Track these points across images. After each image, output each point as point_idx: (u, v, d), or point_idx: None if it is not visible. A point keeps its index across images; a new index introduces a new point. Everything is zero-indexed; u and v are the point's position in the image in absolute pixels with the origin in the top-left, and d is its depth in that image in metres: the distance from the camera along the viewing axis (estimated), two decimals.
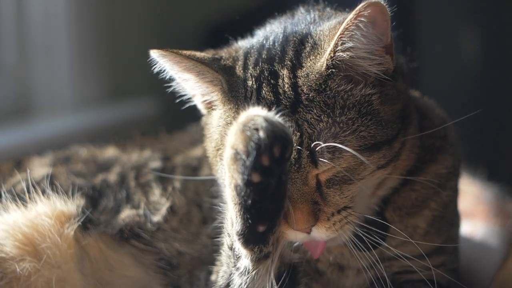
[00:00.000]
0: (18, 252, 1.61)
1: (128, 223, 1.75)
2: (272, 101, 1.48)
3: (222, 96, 1.56)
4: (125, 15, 3.61)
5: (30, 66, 3.22)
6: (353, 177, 1.47)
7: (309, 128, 1.43)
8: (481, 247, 2.10)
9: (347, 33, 1.44)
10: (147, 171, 1.86)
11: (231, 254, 1.48)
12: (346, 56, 1.46)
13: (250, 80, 1.53)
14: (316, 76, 1.47)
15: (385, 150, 1.48)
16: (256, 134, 1.28)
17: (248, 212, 1.33)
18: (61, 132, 3.11)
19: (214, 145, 1.58)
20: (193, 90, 1.63)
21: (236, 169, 1.30)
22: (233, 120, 1.50)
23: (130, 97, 3.58)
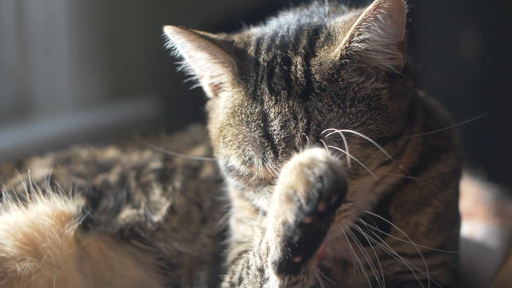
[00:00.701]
0: (19, 252, 1.61)
1: (129, 223, 1.76)
2: (284, 86, 1.49)
3: (232, 78, 1.57)
4: (125, 15, 3.61)
5: (30, 66, 3.22)
6: (357, 171, 1.48)
7: (319, 116, 1.44)
8: (480, 247, 2.10)
9: (365, 24, 1.46)
10: (148, 171, 1.86)
11: (258, 275, 1.48)
12: (361, 47, 1.47)
13: (261, 65, 1.54)
14: (329, 65, 1.49)
15: (390, 145, 1.49)
16: (319, 183, 1.27)
17: (290, 247, 1.33)
18: (61, 132, 3.10)
19: (219, 125, 1.58)
20: (202, 71, 1.63)
21: (290, 209, 1.30)
22: (241, 105, 1.52)
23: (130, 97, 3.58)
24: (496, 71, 3.61)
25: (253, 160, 1.49)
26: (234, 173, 1.56)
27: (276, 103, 1.48)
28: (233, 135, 1.53)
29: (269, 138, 1.47)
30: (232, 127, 1.54)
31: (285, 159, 1.45)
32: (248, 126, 1.50)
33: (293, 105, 1.47)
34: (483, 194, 2.38)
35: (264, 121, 1.48)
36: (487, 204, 2.35)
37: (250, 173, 1.53)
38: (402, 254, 1.59)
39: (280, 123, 1.46)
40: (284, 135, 1.46)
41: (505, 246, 2.10)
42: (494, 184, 2.48)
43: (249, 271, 1.53)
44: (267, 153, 1.47)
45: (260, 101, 1.50)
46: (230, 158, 1.54)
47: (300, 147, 1.44)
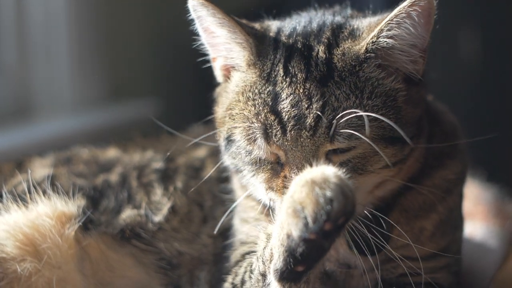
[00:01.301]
0: (19, 253, 1.61)
1: (129, 223, 1.76)
2: (301, 69, 1.50)
3: (249, 59, 1.57)
4: (125, 15, 3.60)
5: (30, 66, 3.21)
6: (365, 167, 1.48)
7: (336, 102, 1.45)
8: (480, 247, 2.11)
9: (396, 20, 1.47)
10: (150, 171, 1.86)
11: (260, 279, 1.49)
12: (388, 44, 1.49)
13: (280, 49, 1.55)
14: (352, 57, 1.50)
15: (398, 147, 1.49)
16: (329, 206, 1.28)
17: (293, 258, 1.34)
18: (61, 132, 3.10)
19: (227, 105, 1.59)
20: (218, 52, 1.63)
21: (296, 224, 1.31)
22: (253, 84, 1.53)
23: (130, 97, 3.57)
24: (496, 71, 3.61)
25: (257, 136, 1.50)
26: (233, 150, 1.56)
27: (290, 84, 1.49)
28: (240, 110, 1.53)
29: (277, 115, 1.47)
30: (240, 102, 1.54)
31: (294, 138, 1.45)
32: (255, 102, 1.51)
33: (309, 88, 1.47)
34: (483, 195, 2.39)
35: (274, 100, 1.49)
36: (487, 204, 2.35)
37: (250, 150, 1.53)
38: (406, 257, 1.60)
39: (292, 102, 1.47)
40: (294, 113, 1.46)
41: (505, 246, 2.10)
42: (494, 185, 2.48)
43: (252, 275, 1.53)
44: (273, 129, 1.47)
45: (274, 82, 1.51)
46: (234, 131, 1.54)
47: (311, 129, 1.44)
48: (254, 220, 1.68)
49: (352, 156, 1.48)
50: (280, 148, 1.48)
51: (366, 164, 1.49)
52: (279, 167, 1.51)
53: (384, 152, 1.48)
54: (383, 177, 1.53)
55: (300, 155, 1.46)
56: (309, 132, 1.45)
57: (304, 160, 1.46)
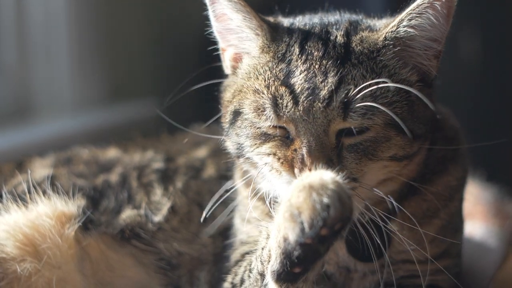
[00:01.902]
0: (19, 253, 1.62)
1: (129, 223, 1.76)
2: (318, 48, 1.50)
3: (262, 44, 1.57)
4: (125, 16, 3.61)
5: (30, 66, 3.21)
6: (375, 152, 1.47)
7: (352, 80, 1.45)
8: (480, 247, 2.11)
9: (418, 10, 1.48)
10: (150, 171, 1.86)
11: (259, 279, 1.49)
12: (409, 32, 1.49)
13: (296, 33, 1.56)
14: (370, 43, 1.51)
15: (408, 140, 1.49)
16: (325, 212, 1.28)
17: (289, 261, 1.34)
18: (61, 133, 3.10)
19: (235, 87, 1.59)
20: (229, 40, 1.63)
21: (293, 228, 1.30)
22: (265, 63, 1.53)
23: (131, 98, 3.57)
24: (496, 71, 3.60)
25: (266, 107, 1.49)
26: (239, 124, 1.55)
27: (305, 61, 1.49)
28: (250, 85, 1.53)
29: (289, 87, 1.46)
30: (251, 79, 1.54)
31: (307, 109, 1.44)
32: (266, 76, 1.51)
33: (325, 65, 1.47)
34: (483, 195, 2.39)
35: (286, 75, 1.49)
36: (487, 204, 2.35)
37: (257, 123, 1.52)
38: (407, 260, 1.60)
39: (306, 77, 1.47)
40: (308, 86, 1.45)
41: (504, 246, 2.10)
42: (493, 185, 2.48)
43: (250, 274, 1.53)
44: (284, 100, 1.46)
45: (288, 60, 1.51)
46: (243, 103, 1.54)
47: (324, 101, 1.44)
48: (256, 220, 1.67)
49: (364, 139, 1.47)
50: (290, 121, 1.47)
51: (377, 149, 1.48)
52: (289, 141, 1.49)
53: (395, 140, 1.48)
54: (389, 172, 1.51)
55: (311, 127, 1.44)
56: (322, 103, 1.44)
57: (315, 135, 1.44)
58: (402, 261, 1.61)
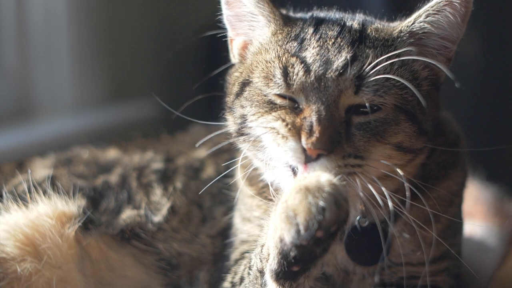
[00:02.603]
0: (19, 253, 1.62)
1: (129, 224, 1.76)
2: (332, 29, 1.51)
3: (274, 29, 1.58)
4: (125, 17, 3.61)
5: (30, 67, 3.21)
6: (384, 134, 1.46)
7: (366, 58, 1.46)
8: (479, 246, 2.11)
9: (436, 7, 1.49)
10: (149, 172, 1.87)
11: (258, 276, 1.48)
12: (424, 28, 1.51)
13: (310, 19, 1.57)
14: (386, 33, 1.52)
15: (415, 130, 1.49)
16: (321, 215, 1.27)
17: (286, 261, 1.34)
18: (62, 133, 3.10)
19: (243, 68, 1.60)
20: (238, 29, 1.64)
21: (289, 229, 1.30)
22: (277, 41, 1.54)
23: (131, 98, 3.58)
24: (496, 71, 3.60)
25: (275, 73, 1.49)
26: (246, 94, 1.54)
27: (319, 39, 1.50)
28: (260, 59, 1.54)
29: (301, 59, 1.47)
30: (260, 55, 1.55)
31: (318, 77, 1.44)
32: (278, 49, 1.51)
33: (339, 42, 1.48)
34: (482, 194, 2.39)
35: (298, 49, 1.49)
36: (486, 204, 2.35)
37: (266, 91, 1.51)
38: (407, 263, 1.60)
39: (318, 51, 1.47)
40: (320, 58, 1.46)
41: (504, 245, 2.10)
42: (493, 184, 2.48)
43: (250, 271, 1.53)
44: (295, 68, 1.46)
45: (301, 39, 1.52)
46: (252, 73, 1.54)
47: (337, 70, 1.44)
48: (257, 219, 1.66)
49: (374, 119, 1.46)
50: (300, 90, 1.46)
51: (385, 132, 1.47)
52: (298, 111, 1.47)
53: (403, 126, 1.48)
54: (393, 164, 1.48)
55: (322, 96, 1.44)
56: (335, 72, 1.44)
57: (325, 104, 1.43)
58: (402, 263, 1.61)
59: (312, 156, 1.40)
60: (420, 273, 1.61)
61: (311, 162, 1.41)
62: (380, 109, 1.46)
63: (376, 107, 1.46)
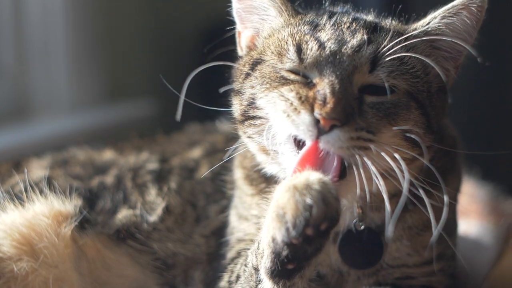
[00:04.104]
0: (16, 252, 1.62)
1: (125, 223, 1.77)
2: (348, 17, 1.53)
3: (286, 19, 1.59)
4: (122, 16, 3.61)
5: (27, 67, 3.21)
6: (396, 117, 1.46)
7: (382, 41, 1.47)
8: (475, 245, 2.11)
9: (453, 10, 1.51)
10: (144, 173, 1.87)
11: (253, 273, 1.49)
12: (440, 28, 1.52)
13: (323, 10, 1.60)
14: (400, 29, 1.54)
15: (424, 121, 1.49)
16: (308, 212, 1.27)
17: (279, 260, 1.34)
18: (59, 133, 3.11)
19: (253, 53, 1.60)
20: (247, 21, 1.64)
21: (279, 228, 1.30)
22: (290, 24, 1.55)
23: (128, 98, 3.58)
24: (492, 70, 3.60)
25: (289, 48, 1.50)
26: (257, 73, 1.54)
27: (333, 24, 1.52)
28: (273, 40, 1.55)
29: (315, 37, 1.48)
30: (273, 36, 1.57)
31: (334, 52, 1.46)
32: (291, 30, 1.53)
33: (354, 26, 1.50)
34: (478, 193, 2.39)
35: (313, 30, 1.51)
36: (482, 202, 2.35)
37: (279, 66, 1.51)
38: (402, 265, 1.61)
39: (333, 33, 1.49)
40: (335, 37, 1.48)
41: (499, 244, 2.10)
42: (488, 183, 2.48)
43: (246, 268, 1.54)
44: (309, 43, 1.48)
45: (315, 24, 1.53)
46: (265, 52, 1.55)
47: (353, 47, 1.46)
48: (255, 218, 1.67)
49: (385, 100, 1.46)
50: (314, 65, 1.46)
51: (397, 114, 1.46)
52: (311, 85, 1.46)
53: (414, 114, 1.48)
54: (399, 156, 1.44)
55: (336, 70, 1.44)
56: (351, 49, 1.46)
57: (340, 77, 1.43)
58: (398, 265, 1.62)
59: (325, 128, 1.38)
60: (415, 274, 1.62)
61: (323, 134, 1.39)
62: (393, 91, 1.47)
63: (389, 89, 1.46)
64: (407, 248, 1.60)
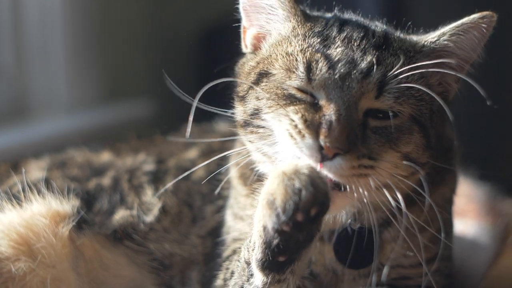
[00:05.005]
0: (13, 252, 1.63)
1: (122, 224, 1.77)
2: (358, 32, 1.51)
3: (295, 23, 1.56)
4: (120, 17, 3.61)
5: (25, 68, 3.20)
6: (398, 142, 1.47)
7: (390, 64, 1.47)
8: (472, 245, 2.11)
9: (462, 28, 1.51)
10: (141, 174, 1.87)
11: (245, 267, 1.49)
12: (448, 46, 1.52)
13: (333, 18, 1.57)
14: (409, 45, 1.53)
15: (424, 142, 1.50)
16: (297, 196, 1.28)
17: (270, 250, 1.35)
18: (57, 133, 3.10)
19: (260, 58, 1.59)
20: (254, 20, 1.63)
21: (270, 215, 1.31)
22: (300, 34, 1.53)
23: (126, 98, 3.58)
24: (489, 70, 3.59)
25: (298, 66, 1.48)
26: (263, 86, 1.53)
27: (343, 40, 1.50)
28: (282, 51, 1.53)
29: (326, 56, 1.47)
30: (281, 46, 1.54)
31: (343, 76, 1.44)
32: (301, 42, 1.51)
33: (364, 45, 1.48)
34: (475, 193, 2.39)
35: (323, 46, 1.49)
36: (479, 202, 2.36)
37: (285, 83, 1.50)
38: (399, 265, 1.62)
39: (343, 51, 1.47)
40: (345, 58, 1.46)
41: (496, 244, 2.11)
42: (485, 183, 2.48)
43: (239, 263, 1.54)
44: (319, 64, 1.46)
45: (325, 36, 1.51)
46: (272, 64, 1.53)
47: (362, 72, 1.44)
48: (250, 218, 1.64)
49: (389, 125, 1.46)
50: (322, 86, 1.46)
51: (399, 139, 1.47)
52: (317, 108, 1.46)
53: (415, 137, 1.49)
54: (398, 174, 1.49)
55: (344, 96, 1.43)
56: (360, 74, 1.44)
57: (346, 104, 1.43)
58: (394, 266, 1.62)
59: (329, 155, 1.40)
60: (411, 275, 1.62)
61: (326, 161, 1.40)
62: (397, 116, 1.47)
63: (394, 114, 1.47)
64: (402, 248, 1.60)
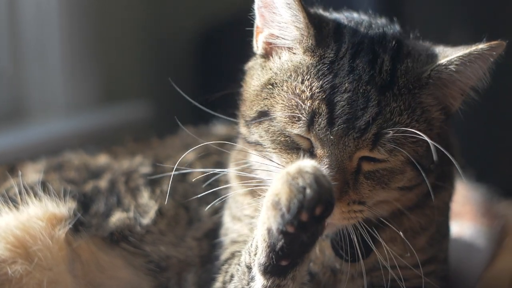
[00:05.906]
0: (10, 255, 1.63)
1: (119, 226, 1.78)
2: (366, 71, 1.50)
3: (307, 46, 1.54)
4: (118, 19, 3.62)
5: (22, 69, 3.20)
6: (389, 182, 1.51)
7: (389, 114, 1.47)
8: (468, 247, 2.11)
9: (469, 58, 1.50)
10: (138, 176, 1.88)
11: (246, 271, 1.50)
12: (453, 77, 1.52)
13: (346, 44, 1.54)
14: (414, 77, 1.52)
15: (417, 173, 1.52)
16: (301, 194, 1.29)
17: (274, 253, 1.35)
18: (54, 135, 3.10)
19: (267, 79, 1.58)
20: (267, 26, 1.60)
21: (274, 216, 1.32)
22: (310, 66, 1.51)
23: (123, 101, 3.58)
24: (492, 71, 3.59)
25: (301, 118, 1.48)
26: (265, 126, 1.54)
27: (352, 82, 1.48)
28: (289, 87, 1.52)
29: (331, 106, 1.47)
30: (290, 80, 1.53)
31: (340, 135, 1.45)
32: (312, 84, 1.50)
33: (369, 91, 1.48)
34: (472, 195, 2.39)
35: (332, 89, 1.48)
36: (475, 204, 2.36)
37: (286, 130, 1.51)
38: (394, 266, 1.61)
39: (349, 98, 1.47)
40: (348, 111, 1.46)
41: (492, 246, 2.10)
42: (482, 185, 2.49)
43: (239, 267, 1.55)
44: (321, 118, 1.47)
45: (335, 73, 1.50)
46: (274, 106, 1.53)
47: (359, 131, 1.45)
48: (248, 218, 1.68)
49: (382, 168, 1.50)
50: (318, 139, 1.47)
51: (391, 180, 1.51)
52: (312, 156, 1.49)
53: (408, 174, 1.52)
54: (389, 197, 1.54)
55: (338, 153, 1.46)
56: (356, 133, 1.45)
57: (339, 160, 1.46)
58: (390, 266, 1.62)
59: None
60: (407, 276, 1.62)
61: None
62: (388, 161, 1.50)
63: (387, 160, 1.50)
64: (399, 249, 1.61)
